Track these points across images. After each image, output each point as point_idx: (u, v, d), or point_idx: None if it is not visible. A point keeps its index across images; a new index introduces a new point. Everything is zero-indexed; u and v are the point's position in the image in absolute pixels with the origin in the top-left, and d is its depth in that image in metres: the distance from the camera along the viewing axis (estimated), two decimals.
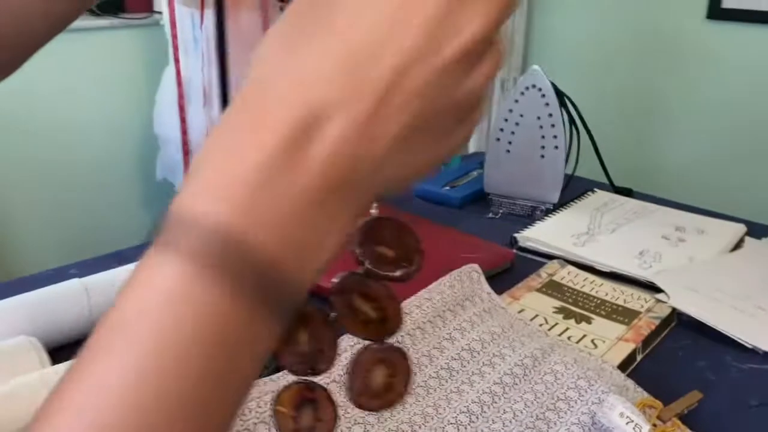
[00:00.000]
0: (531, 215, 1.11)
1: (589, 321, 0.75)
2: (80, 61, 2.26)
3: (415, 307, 0.71)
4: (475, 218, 1.12)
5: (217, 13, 1.82)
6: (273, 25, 0.30)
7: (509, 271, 0.91)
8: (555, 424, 0.58)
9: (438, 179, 1.23)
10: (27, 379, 0.56)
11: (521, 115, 1.09)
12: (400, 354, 0.40)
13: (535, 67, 1.08)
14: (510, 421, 0.59)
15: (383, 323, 0.39)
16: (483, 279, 0.78)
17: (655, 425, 0.59)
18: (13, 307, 0.67)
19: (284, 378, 0.62)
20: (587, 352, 0.68)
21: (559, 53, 2.68)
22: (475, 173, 1.27)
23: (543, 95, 1.07)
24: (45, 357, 0.60)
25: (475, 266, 0.78)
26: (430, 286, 0.74)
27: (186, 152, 2.09)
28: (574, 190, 1.18)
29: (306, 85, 0.26)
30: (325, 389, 0.42)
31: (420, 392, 0.62)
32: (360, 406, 0.42)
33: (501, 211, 1.14)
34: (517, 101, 1.09)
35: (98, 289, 0.71)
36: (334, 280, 0.39)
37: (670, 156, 2.46)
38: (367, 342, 0.39)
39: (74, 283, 0.71)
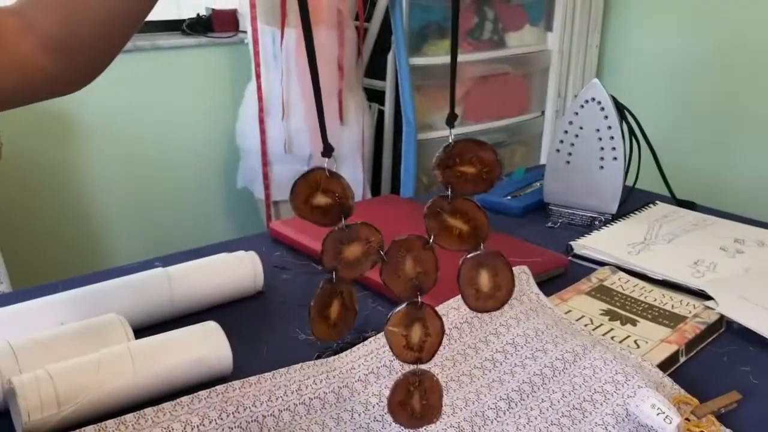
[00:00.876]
0: (590, 225, 1.14)
1: (634, 323, 0.78)
2: (172, 77, 2.42)
3: (463, 304, 0.75)
4: (534, 227, 1.15)
5: (306, 32, 1.93)
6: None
7: (562, 276, 0.94)
8: (590, 414, 0.62)
9: (500, 189, 1.26)
10: (114, 349, 0.64)
11: (581, 128, 1.12)
12: (498, 257, 0.47)
13: (595, 80, 1.11)
14: (547, 409, 0.62)
15: (475, 232, 0.46)
16: (532, 280, 0.81)
17: (688, 419, 0.61)
18: (105, 291, 0.76)
19: (324, 364, 0.68)
20: (628, 351, 0.71)
21: (631, 67, 2.66)
22: (537, 184, 1.31)
23: (602, 108, 1.10)
24: (130, 332, 0.68)
25: (524, 267, 0.82)
26: None
27: (265, 163, 2.20)
28: (635, 202, 1.19)
29: None
30: (431, 306, 0.48)
31: (464, 380, 0.67)
32: (477, 310, 0.50)
33: (560, 221, 1.16)
34: (576, 114, 1.12)
35: (179, 277, 0.79)
36: (426, 206, 0.47)
37: (738, 170, 2.40)
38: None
39: (158, 271, 0.80)
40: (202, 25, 2.48)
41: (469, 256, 0.48)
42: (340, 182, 0.46)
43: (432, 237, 0.47)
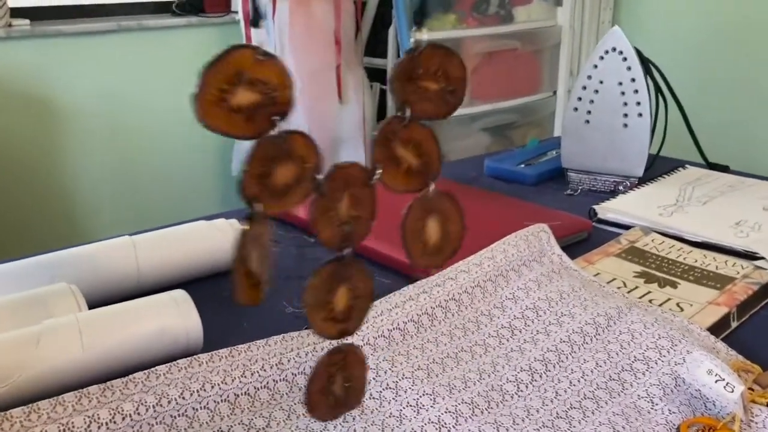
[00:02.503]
0: (613, 192, 1.03)
1: (674, 285, 0.67)
2: (160, 58, 2.32)
3: (475, 266, 0.65)
4: (551, 196, 1.04)
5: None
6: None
7: (586, 242, 0.84)
8: (631, 385, 0.51)
9: (513, 158, 1.16)
10: (59, 320, 0.54)
11: (601, 82, 1.01)
12: (448, 199, 0.39)
13: (615, 28, 1.00)
14: (578, 381, 0.52)
15: (426, 169, 0.38)
16: (553, 240, 0.71)
17: (752, 389, 0.50)
18: (59, 259, 0.66)
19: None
20: (671, 314, 0.60)
21: (644, 45, 2.55)
22: (553, 152, 1.20)
23: (624, 58, 0.99)
24: (83, 302, 0.58)
25: (543, 225, 0.71)
26: (493, 245, 0.68)
27: None
28: (661, 168, 1.08)
29: None
30: (360, 262, 0.38)
31: (477, 350, 0.56)
32: (421, 266, 0.41)
33: (580, 187, 1.05)
34: (595, 66, 1.01)
35: (147, 246, 0.69)
36: (379, 128, 0.37)
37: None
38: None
39: (123, 239, 0.70)
40: (193, 6, 2.38)
41: (415, 200, 0.39)
42: (274, 65, 0.33)
43: (378, 171, 0.37)
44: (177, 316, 0.56)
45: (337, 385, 0.40)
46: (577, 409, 0.49)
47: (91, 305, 0.59)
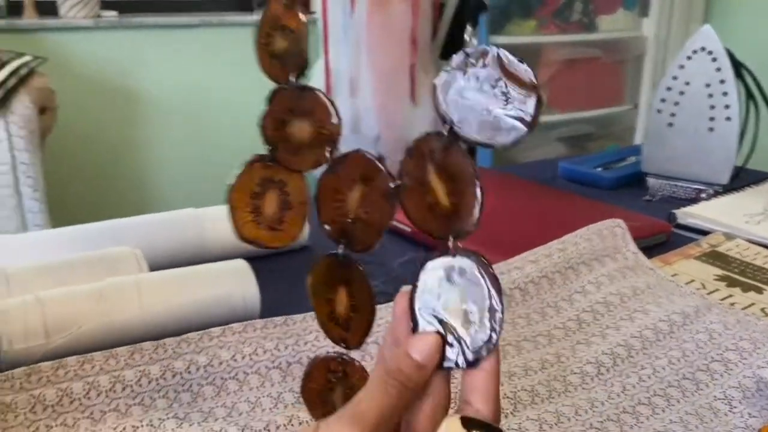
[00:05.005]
0: (694, 200, 0.97)
1: (759, 291, 0.62)
2: (239, 54, 2.36)
3: (544, 257, 0.62)
4: (628, 201, 0.99)
5: None
6: None
7: (663, 246, 0.79)
8: (707, 386, 0.47)
9: (589, 161, 1.12)
10: (121, 279, 0.54)
11: (687, 83, 0.96)
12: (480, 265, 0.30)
13: (706, 26, 0.95)
14: (648, 377, 0.48)
15: (454, 215, 0.30)
16: (628, 236, 0.67)
17: None
18: (126, 226, 0.67)
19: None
20: (755, 318, 0.56)
21: (742, 32, 2.44)
22: (633, 158, 1.15)
23: (714, 59, 0.94)
24: (145, 265, 0.58)
25: (619, 221, 0.68)
26: (564, 237, 0.65)
27: None
28: (747, 180, 1.02)
29: None
30: (359, 265, 0.34)
31: (541, 341, 0.53)
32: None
33: (660, 193, 1.00)
34: (682, 66, 0.96)
35: (212, 219, 0.69)
36: (418, 138, 0.32)
37: None
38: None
39: (189, 210, 0.70)
40: None
41: (431, 261, 0.31)
42: (295, 13, 0.34)
43: (399, 184, 0.32)
44: (235, 283, 0.56)
45: (336, 395, 0.38)
46: (645, 405, 0.46)
47: (156, 270, 0.60)
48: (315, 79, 2.18)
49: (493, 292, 0.29)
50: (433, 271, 0.30)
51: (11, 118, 1.48)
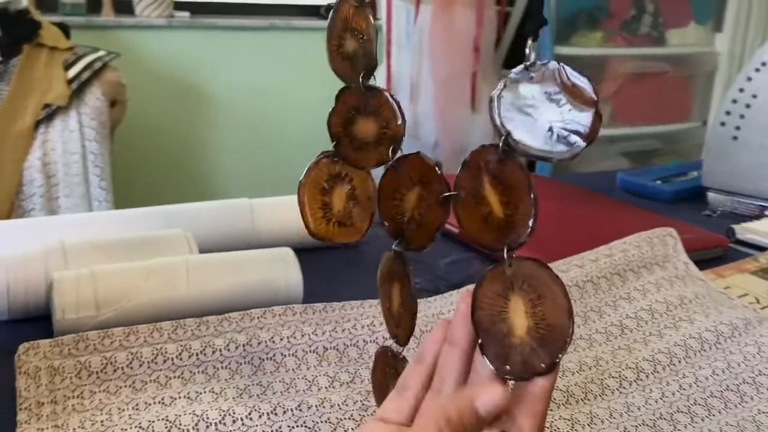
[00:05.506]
0: (757, 217, 0.94)
1: None
2: (303, 58, 2.40)
3: (590, 261, 0.61)
4: (687, 216, 0.96)
5: None
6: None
7: (720, 260, 0.77)
8: (751, 398, 0.46)
9: (649, 173, 1.09)
10: (170, 259, 0.56)
11: (754, 96, 0.93)
12: (542, 269, 0.30)
13: None
14: (689, 386, 0.47)
15: (507, 226, 0.30)
16: (680, 246, 0.65)
17: None
18: (181, 211, 0.69)
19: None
20: None
21: None
22: (694, 173, 1.12)
23: None
24: (195, 248, 0.60)
25: (671, 230, 0.66)
26: (612, 243, 0.64)
27: None
28: None
29: None
30: (408, 266, 0.35)
31: (581, 344, 0.53)
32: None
33: (720, 209, 0.98)
34: (750, 79, 0.93)
35: (264, 209, 0.71)
36: (475, 149, 0.32)
37: None
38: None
39: (242, 200, 0.72)
40: None
41: (489, 271, 0.30)
42: (365, 16, 0.35)
43: (456, 198, 0.32)
44: (280, 269, 0.57)
45: (392, 387, 0.38)
46: (684, 413, 0.44)
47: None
48: (377, 83, 2.19)
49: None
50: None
51: (83, 110, 1.55)
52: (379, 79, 1.80)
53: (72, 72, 1.55)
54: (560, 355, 0.28)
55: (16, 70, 1.52)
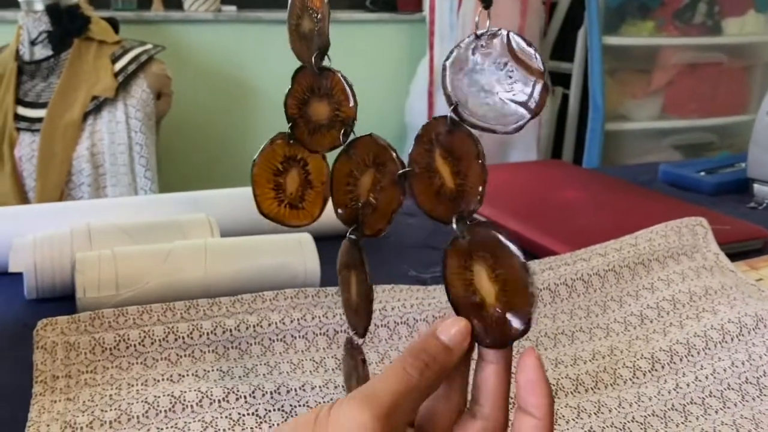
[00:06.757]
0: None
1: None
2: (351, 49, 2.40)
3: (613, 250, 0.60)
4: (730, 208, 0.93)
5: None
6: None
7: (759, 252, 0.74)
8: None
9: (692, 165, 1.06)
10: (190, 242, 0.57)
11: None
12: (494, 239, 0.29)
13: None
14: (705, 377, 0.45)
15: (459, 196, 0.29)
16: (710, 236, 0.63)
17: None
18: (208, 197, 0.70)
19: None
20: None
21: None
22: (742, 164, 1.08)
23: None
24: (217, 232, 0.61)
25: (702, 219, 0.64)
26: (637, 233, 0.62)
27: None
28: None
29: None
30: (364, 253, 0.34)
31: (597, 333, 0.52)
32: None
33: (766, 201, 0.94)
34: None
35: None
36: (425, 124, 0.31)
37: None
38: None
39: None
40: (386, 3, 2.45)
41: (450, 247, 0.29)
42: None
43: (410, 174, 0.31)
44: (298, 254, 0.58)
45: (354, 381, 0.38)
46: (697, 405, 0.43)
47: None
48: (419, 75, 2.19)
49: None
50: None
51: (129, 101, 1.59)
52: (421, 71, 1.81)
53: (119, 65, 1.59)
54: (531, 312, 0.27)
55: (67, 63, 1.58)
